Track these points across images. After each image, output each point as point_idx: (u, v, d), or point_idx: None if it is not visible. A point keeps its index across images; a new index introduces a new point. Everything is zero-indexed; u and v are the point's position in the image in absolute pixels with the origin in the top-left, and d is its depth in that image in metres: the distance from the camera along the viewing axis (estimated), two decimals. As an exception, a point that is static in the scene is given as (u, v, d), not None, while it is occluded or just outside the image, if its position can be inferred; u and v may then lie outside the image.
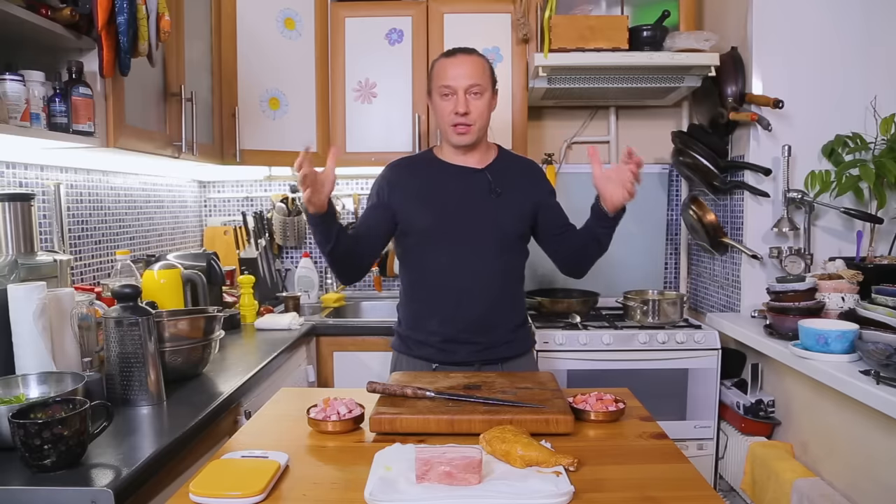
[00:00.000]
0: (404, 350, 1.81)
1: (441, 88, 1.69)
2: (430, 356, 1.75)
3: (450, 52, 1.75)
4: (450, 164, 1.77)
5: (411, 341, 1.79)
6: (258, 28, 2.50)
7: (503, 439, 1.09)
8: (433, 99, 1.75)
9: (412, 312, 1.79)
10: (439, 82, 1.70)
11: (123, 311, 1.43)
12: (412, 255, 1.78)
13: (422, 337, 1.76)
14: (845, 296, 1.99)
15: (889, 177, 2.08)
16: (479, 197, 1.74)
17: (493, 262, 1.74)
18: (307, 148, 1.44)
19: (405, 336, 1.81)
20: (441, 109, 1.71)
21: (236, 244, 2.98)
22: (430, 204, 1.73)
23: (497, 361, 1.77)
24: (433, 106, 1.76)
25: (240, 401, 1.64)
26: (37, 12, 1.41)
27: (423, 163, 1.82)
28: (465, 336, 1.73)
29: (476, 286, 1.72)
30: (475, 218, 1.72)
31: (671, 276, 3.05)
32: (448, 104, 1.69)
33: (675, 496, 0.99)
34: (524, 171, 1.84)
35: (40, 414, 1.12)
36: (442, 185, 1.75)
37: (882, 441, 1.62)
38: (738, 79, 2.36)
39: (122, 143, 1.69)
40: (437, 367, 1.74)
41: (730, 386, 2.36)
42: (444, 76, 1.69)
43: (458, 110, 1.67)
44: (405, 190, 1.75)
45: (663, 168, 2.97)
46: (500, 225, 1.73)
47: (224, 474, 1.02)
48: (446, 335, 1.73)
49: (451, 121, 1.69)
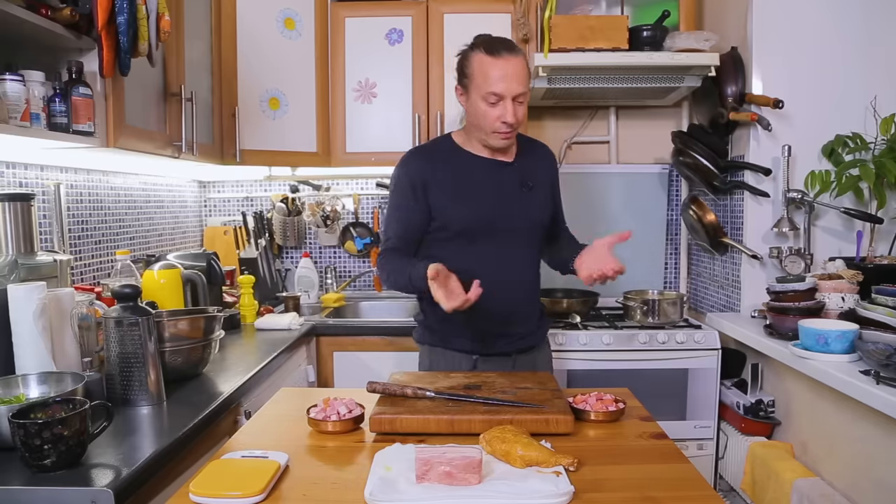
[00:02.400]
0: (439, 343, 1.77)
1: (489, 96, 1.60)
2: (469, 348, 1.75)
3: (492, 47, 1.61)
4: (481, 157, 1.73)
5: (448, 333, 1.75)
6: (258, 28, 2.50)
7: (503, 439, 1.09)
8: (472, 98, 1.64)
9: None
10: (486, 87, 1.59)
11: (123, 311, 1.43)
12: (447, 248, 1.71)
13: (459, 330, 1.73)
14: (845, 296, 1.99)
15: (889, 177, 2.08)
16: (512, 191, 1.74)
17: (526, 253, 1.78)
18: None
19: (438, 329, 1.76)
20: (485, 114, 1.62)
21: (236, 244, 2.98)
22: (469, 200, 1.70)
23: (528, 350, 1.81)
24: (471, 105, 1.65)
25: (240, 401, 1.64)
26: (37, 12, 1.41)
27: (449, 153, 1.74)
28: (502, 328, 1.74)
29: (512, 278, 1.74)
30: (510, 212, 1.73)
31: (671, 276, 3.05)
32: (494, 111, 1.61)
33: (675, 496, 0.99)
34: (543, 160, 1.85)
35: (40, 414, 1.12)
36: (478, 179, 1.72)
37: (882, 441, 1.62)
38: (738, 79, 2.36)
39: (122, 143, 1.69)
40: (477, 359, 1.75)
41: (730, 386, 2.36)
42: (491, 81, 1.59)
43: (508, 120, 1.61)
44: (441, 185, 1.69)
45: (663, 168, 2.97)
46: (531, 217, 1.77)
47: (224, 474, 1.02)
48: (485, 328, 1.72)
49: (496, 127, 1.63)
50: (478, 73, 1.61)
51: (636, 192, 2.97)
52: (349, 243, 3.05)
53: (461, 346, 1.75)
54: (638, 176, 2.97)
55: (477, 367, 1.75)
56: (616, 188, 2.97)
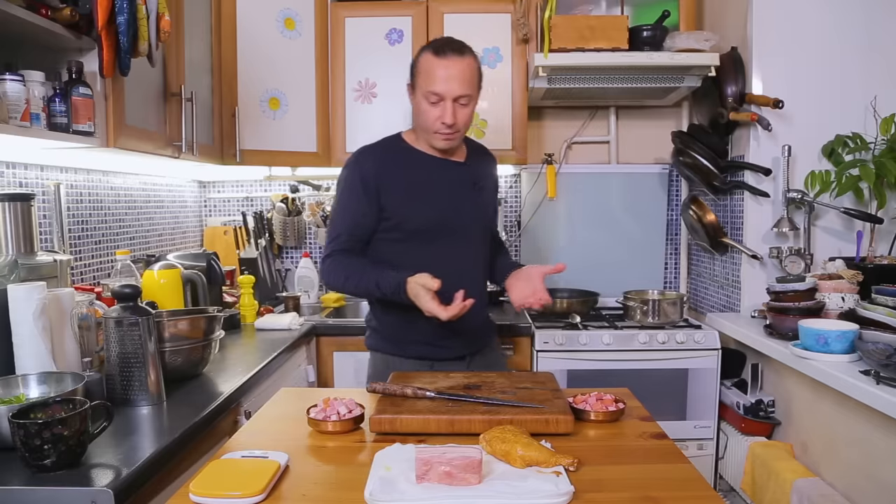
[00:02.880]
0: (395, 351, 1.75)
1: (429, 94, 1.61)
2: (426, 354, 1.74)
3: (440, 48, 1.63)
4: (433, 156, 1.73)
5: (403, 341, 1.74)
6: (258, 28, 2.50)
7: (503, 439, 1.09)
8: (416, 97, 1.66)
9: (403, 310, 1.66)
10: (427, 86, 1.61)
11: (123, 311, 1.43)
12: (400, 249, 1.70)
13: (416, 335, 1.71)
14: (845, 296, 1.99)
15: (889, 177, 2.08)
16: (465, 190, 1.75)
17: (477, 251, 1.80)
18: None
19: (392, 336, 1.75)
20: (426, 113, 1.63)
21: (236, 244, 2.98)
22: (423, 199, 1.69)
23: (482, 350, 1.82)
24: (415, 103, 1.67)
25: (240, 401, 1.64)
26: (37, 12, 1.41)
27: (401, 152, 1.73)
28: (459, 328, 1.69)
29: (466, 277, 1.73)
30: (463, 211, 1.74)
31: (671, 276, 3.05)
32: (435, 110, 1.62)
33: (675, 496, 0.99)
34: (490, 165, 1.89)
35: (40, 414, 1.12)
36: (431, 178, 1.71)
37: (882, 441, 1.62)
38: (738, 79, 2.36)
39: (122, 143, 1.69)
40: (433, 366, 1.72)
41: (730, 386, 2.36)
42: (434, 80, 1.60)
43: (446, 121, 1.61)
44: (394, 185, 1.66)
45: (663, 168, 2.97)
46: (482, 217, 1.80)
47: (224, 474, 1.02)
48: (441, 330, 1.67)
49: (436, 127, 1.64)
50: (423, 71, 1.63)
51: (636, 192, 2.97)
52: (349, 243, 3.05)
53: (416, 352, 1.73)
54: (638, 176, 2.97)
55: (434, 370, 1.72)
56: (616, 188, 2.97)
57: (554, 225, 2.98)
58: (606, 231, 2.98)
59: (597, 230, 2.98)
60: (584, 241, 2.98)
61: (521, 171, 2.99)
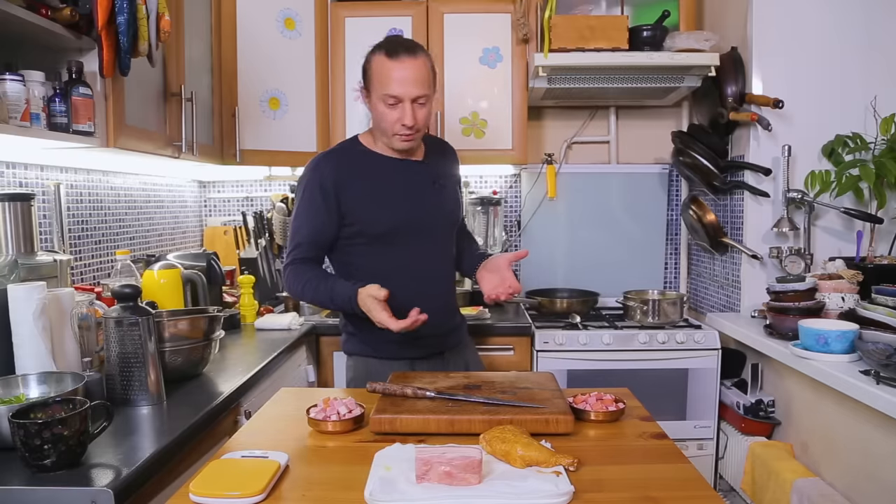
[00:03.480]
0: (370, 353, 1.74)
1: (385, 98, 1.60)
2: (404, 353, 1.73)
3: (391, 49, 1.61)
4: (391, 158, 1.72)
5: (380, 342, 1.71)
6: (258, 28, 2.50)
7: (503, 439, 1.09)
8: (372, 100, 1.65)
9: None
10: (383, 90, 1.59)
11: (123, 311, 1.43)
12: (364, 253, 1.69)
13: (392, 335, 1.62)
14: (845, 296, 2.00)
15: (889, 177, 2.08)
16: (425, 190, 1.74)
17: (443, 249, 1.80)
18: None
19: (369, 338, 1.73)
20: (384, 116, 1.62)
21: (236, 244, 2.98)
22: (384, 202, 1.68)
23: (457, 345, 1.84)
24: (372, 106, 1.66)
25: (240, 401, 1.64)
26: (37, 12, 1.41)
27: (359, 156, 1.71)
28: (432, 328, 1.66)
29: (433, 276, 1.75)
30: (425, 211, 1.73)
31: (671, 276, 3.05)
32: (394, 113, 1.61)
33: (675, 496, 0.99)
34: (448, 156, 1.87)
35: (40, 414, 1.12)
36: (390, 181, 1.70)
37: (882, 441, 1.62)
38: (738, 79, 2.36)
39: (122, 143, 1.69)
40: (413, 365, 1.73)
41: (730, 386, 2.36)
42: (389, 83, 1.58)
43: (406, 122, 1.61)
44: (354, 190, 1.65)
45: (663, 168, 2.97)
46: (446, 215, 1.79)
47: (224, 474, 1.02)
48: (416, 331, 1.62)
49: (396, 129, 1.63)
50: (377, 75, 1.62)
51: (636, 192, 2.97)
52: (349, 243, 3.05)
53: (393, 353, 1.72)
54: (638, 176, 2.98)
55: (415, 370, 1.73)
56: (616, 188, 2.97)
57: (554, 225, 2.98)
58: (606, 231, 2.98)
59: (597, 230, 2.98)
60: (584, 241, 2.98)
61: (521, 171, 2.99)
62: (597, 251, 2.97)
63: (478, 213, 2.87)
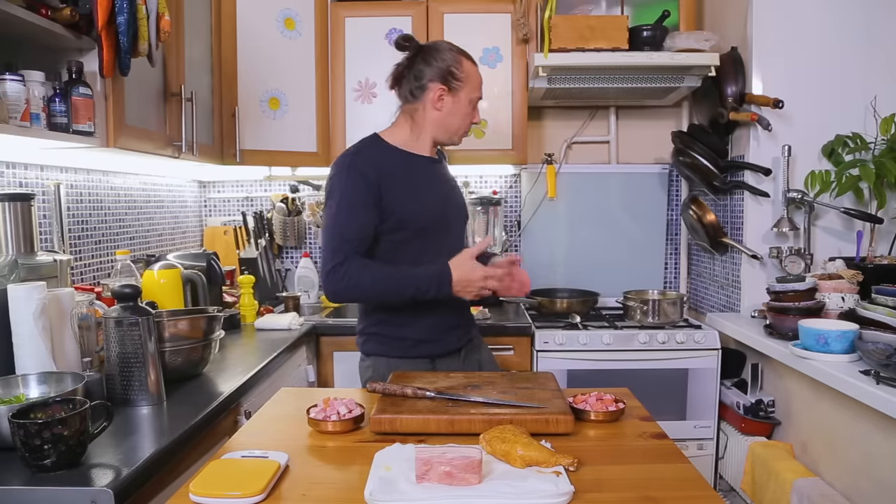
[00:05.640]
0: (393, 353, 1.73)
1: (474, 100, 1.72)
2: (426, 351, 1.73)
3: (469, 55, 1.74)
4: (419, 155, 1.74)
5: (406, 341, 1.72)
6: (258, 28, 2.50)
7: (503, 439, 1.09)
8: (460, 100, 1.70)
9: (403, 311, 1.68)
10: (474, 92, 1.72)
11: (123, 311, 1.43)
12: (403, 248, 1.68)
13: (417, 334, 1.70)
14: (845, 296, 1.99)
15: (889, 177, 2.08)
16: (447, 186, 1.80)
17: (462, 244, 1.83)
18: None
19: (395, 338, 1.73)
20: (465, 115, 1.72)
21: (236, 244, 2.98)
22: (422, 197, 1.70)
23: (472, 341, 1.85)
24: (456, 105, 1.70)
25: (240, 401, 1.64)
26: (37, 12, 1.41)
27: (393, 152, 1.72)
28: (454, 321, 1.75)
29: None
30: (451, 206, 1.79)
31: (671, 276, 3.05)
32: (474, 113, 1.74)
33: (675, 496, 0.99)
34: (444, 157, 1.92)
35: (40, 414, 1.12)
36: (423, 178, 1.73)
37: (882, 441, 1.62)
38: (738, 79, 2.36)
39: (122, 143, 1.69)
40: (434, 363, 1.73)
41: (730, 386, 2.36)
42: (477, 86, 1.73)
43: (476, 120, 1.76)
44: (396, 184, 1.66)
45: (663, 168, 2.97)
46: (461, 210, 1.85)
47: (224, 474, 1.02)
48: (443, 325, 1.72)
49: (467, 127, 1.75)
50: (469, 78, 1.71)
51: (636, 192, 2.97)
52: (349, 243, 3.05)
53: (418, 351, 1.73)
54: (638, 176, 2.98)
55: (436, 368, 1.74)
56: (616, 188, 2.97)
57: (554, 225, 2.98)
58: (606, 231, 2.98)
59: (597, 230, 2.98)
60: (584, 241, 2.98)
61: (521, 171, 2.99)
62: (597, 251, 2.97)
63: (478, 213, 2.86)
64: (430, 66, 1.68)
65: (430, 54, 1.69)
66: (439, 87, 1.68)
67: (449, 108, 1.70)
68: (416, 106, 1.71)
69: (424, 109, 1.70)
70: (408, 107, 1.73)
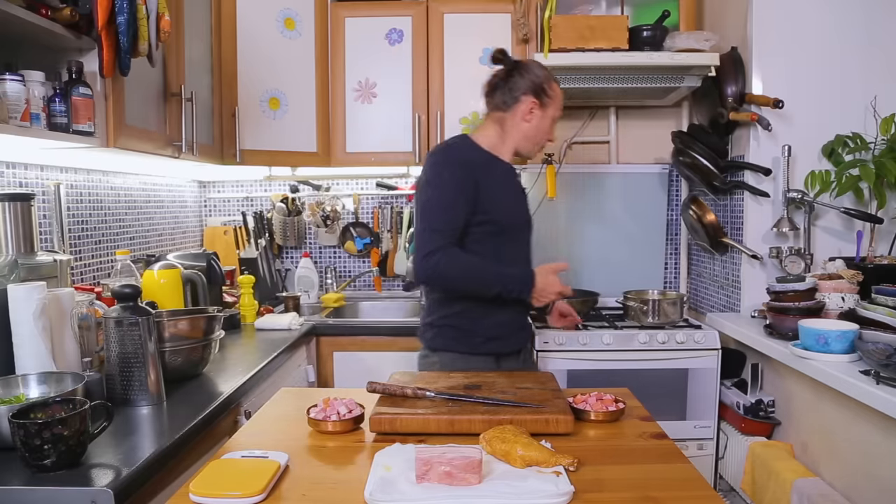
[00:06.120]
0: (466, 349, 1.77)
1: (556, 118, 1.86)
2: (494, 349, 1.80)
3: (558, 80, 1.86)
4: (503, 160, 1.85)
5: (477, 338, 1.77)
6: (258, 28, 2.50)
7: (503, 439, 1.09)
8: (547, 115, 1.82)
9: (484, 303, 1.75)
10: (557, 111, 1.85)
11: (123, 311, 1.43)
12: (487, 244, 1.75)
13: (492, 331, 1.77)
14: (845, 296, 1.99)
15: (889, 177, 2.08)
16: (521, 194, 1.94)
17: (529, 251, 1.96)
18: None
19: (467, 333, 1.77)
20: (546, 130, 1.85)
21: (236, 244, 2.98)
22: (510, 197, 1.84)
23: (526, 343, 1.95)
24: (543, 120, 1.82)
25: (240, 401, 1.64)
26: (37, 12, 1.41)
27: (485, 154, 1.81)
28: (522, 321, 1.89)
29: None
30: (524, 212, 1.93)
31: (671, 276, 3.05)
32: (551, 129, 1.88)
33: (675, 496, 0.99)
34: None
35: (40, 414, 1.12)
36: (509, 180, 1.86)
37: (882, 441, 1.62)
38: (738, 79, 2.36)
39: (122, 143, 1.69)
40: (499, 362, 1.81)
41: (730, 386, 2.36)
42: (561, 106, 1.86)
43: (552, 138, 1.90)
44: (490, 182, 1.76)
45: (663, 168, 2.97)
46: (530, 219, 1.96)
47: (224, 474, 1.02)
48: (514, 324, 1.84)
49: (544, 143, 1.88)
50: (556, 98, 1.84)
51: (636, 192, 2.97)
52: (349, 243, 3.05)
53: (487, 348, 1.79)
54: (638, 176, 2.97)
55: (500, 367, 1.81)
56: (616, 188, 2.97)
57: (554, 225, 2.98)
58: (606, 231, 2.98)
59: (597, 230, 2.98)
60: (584, 241, 2.98)
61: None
62: (597, 251, 2.97)
63: (478, 213, 2.86)
64: (525, 80, 1.80)
65: (525, 69, 1.81)
66: (532, 99, 1.80)
67: (536, 121, 1.82)
68: (506, 115, 1.82)
69: (514, 119, 1.81)
70: (498, 115, 1.83)
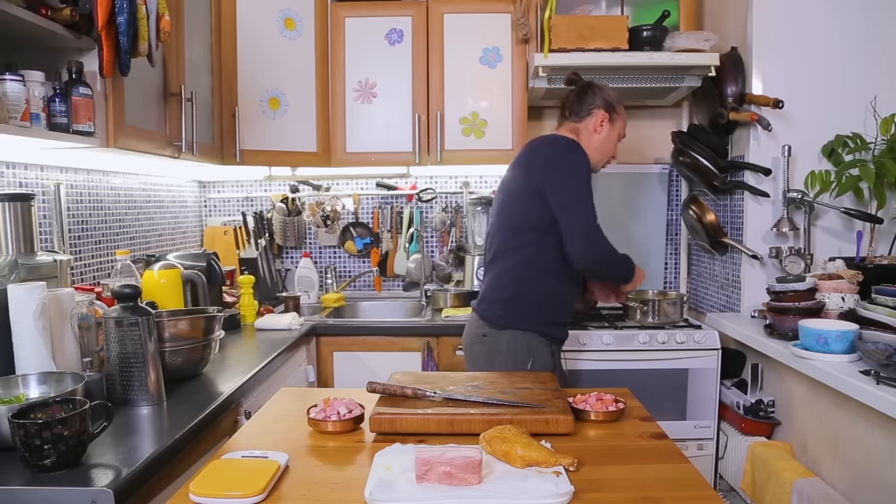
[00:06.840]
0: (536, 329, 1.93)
1: (621, 136, 2.06)
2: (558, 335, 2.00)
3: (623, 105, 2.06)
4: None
5: (557, 326, 1.99)
6: (258, 28, 2.50)
7: (503, 439, 1.09)
8: (615, 131, 2.02)
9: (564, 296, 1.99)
10: (623, 129, 2.05)
11: (123, 311, 1.43)
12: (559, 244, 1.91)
13: (568, 318, 2.02)
14: (845, 296, 1.99)
15: (889, 177, 2.08)
16: None
17: None
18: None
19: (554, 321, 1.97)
20: (612, 146, 2.04)
21: (236, 244, 2.98)
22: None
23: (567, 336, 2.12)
24: (611, 134, 2.01)
25: (240, 401, 1.64)
26: (37, 12, 1.41)
27: None
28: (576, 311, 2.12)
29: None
30: None
31: (671, 276, 3.05)
32: (616, 147, 2.06)
33: (675, 496, 0.99)
34: None
35: (40, 414, 1.12)
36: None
37: (882, 441, 1.62)
38: (738, 79, 2.36)
39: (122, 143, 1.69)
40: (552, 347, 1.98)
41: (730, 386, 2.36)
42: (625, 126, 2.06)
43: (615, 155, 2.08)
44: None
45: (663, 168, 2.97)
46: None
47: (224, 474, 1.02)
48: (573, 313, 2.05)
49: (608, 158, 2.07)
50: (623, 116, 2.04)
51: (636, 192, 2.97)
52: (349, 243, 3.05)
53: (553, 333, 1.98)
54: (638, 176, 2.97)
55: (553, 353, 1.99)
56: (616, 188, 2.97)
57: (554, 225, 2.98)
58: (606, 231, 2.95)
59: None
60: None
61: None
62: (597, 251, 2.97)
63: (478, 213, 2.87)
64: (598, 97, 2.00)
65: (599, 88, 2.02)
66: (603, 113, 2.00)
67: (605, 134, 2.01)
68: (579, 125, 2.01)
69: (587, 130, 2.01)
70: (572, 125, 2.02)
